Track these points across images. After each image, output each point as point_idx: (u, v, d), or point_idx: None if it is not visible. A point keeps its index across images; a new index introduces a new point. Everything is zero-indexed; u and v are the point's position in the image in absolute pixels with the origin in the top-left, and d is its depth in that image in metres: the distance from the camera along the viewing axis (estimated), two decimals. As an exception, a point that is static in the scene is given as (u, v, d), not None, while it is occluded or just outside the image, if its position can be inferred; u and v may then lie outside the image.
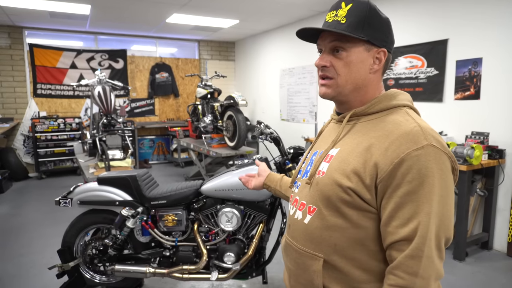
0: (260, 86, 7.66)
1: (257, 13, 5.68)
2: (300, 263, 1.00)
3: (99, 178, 2.54)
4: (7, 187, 5.84)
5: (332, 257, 0.93)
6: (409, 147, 0.83)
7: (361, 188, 0.87)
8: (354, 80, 0.95)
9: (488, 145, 3.40)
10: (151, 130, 7.93)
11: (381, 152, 0.85)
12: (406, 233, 0.82)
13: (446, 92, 3.90)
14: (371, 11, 0.93)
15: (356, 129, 0.96)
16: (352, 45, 0.93)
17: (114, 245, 2.44)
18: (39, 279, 2.94)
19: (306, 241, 0.97)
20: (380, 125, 0.91)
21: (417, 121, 0.88)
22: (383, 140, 0.87)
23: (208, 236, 2.44)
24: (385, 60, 0.97)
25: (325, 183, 0.93)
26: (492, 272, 3.11)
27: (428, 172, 0.81)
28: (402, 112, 0.92)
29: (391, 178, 0.83)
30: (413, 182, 0.81)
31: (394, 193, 0.84)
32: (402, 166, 0.82)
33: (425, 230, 0.81)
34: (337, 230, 0.91)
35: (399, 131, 0.86)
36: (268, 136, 2.56)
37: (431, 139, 0.84)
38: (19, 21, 6.20)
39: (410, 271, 0.82)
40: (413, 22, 4.24)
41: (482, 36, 3.53)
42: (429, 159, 0.82)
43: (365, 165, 0.87)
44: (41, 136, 6.52)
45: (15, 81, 6.63)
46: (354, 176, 0.88)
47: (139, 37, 7.64)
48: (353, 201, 0.88)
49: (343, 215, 0.90)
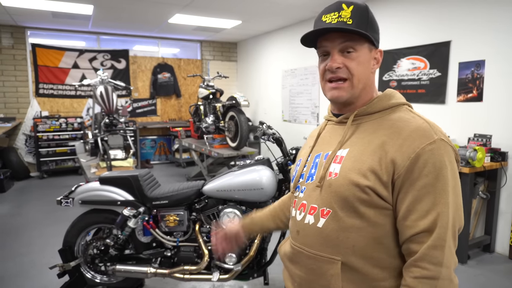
0: (262, 87, 7.66)
1: (259, 14, 5.68)
2: (315, 269, 0.97)
3: (101, 178, 2.54)
4: (9, 186, 5.85)
5: (350, 259, 0.91)
6: (423, 142, 0.86)
7: (378, 186, 0.88)
8: (364, 80, 0.96)
9: (491, 147, 3.39)
10: (152, 130, 7.94)
11: (396, 149, 0.87)
12: (426, 225, 0.84)
13: (449, 94, 3.89)
14: (370, 13, 0.96)
15: (362, 129, 0.96)
16: (360, 45, 0.94)
17: (115, 245, 2.44)
18: (40, 278, 2.94)
19: (322, 246, 0.95)
20: (388, 123, 0.93)
21: (422, 117, 0.92)
22: (396, 137, 0.89)
23: (210, 237, 2.43)
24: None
25: (340, 184, 0.92)
26: (494, 275, 3.09)
27: (442, 165, 0.85)
28: (404, 110, 0.95)
29: (409, 172, 0.86)
30: (430, 175, 0.84)
31: (411, 187, 0.86)
32: (419, 160, 0.85)
33: (445, 220, 0.84)
34: (354, 231, 0.91)
35: (410, 128, 0.89)
36: (270, 136, 2.56)
37: (440, 133, 0.88)
38: (21, 21, 6.22)
39: (435, 261, 0.83)
40: (416, 24, 4.23)
41: (485, 38, 3.52)
42: (441, 153, 0.86)
43: (381, 162, 0.88)
44: (43, 135, 6.53)
45: (17, 81, 6.65)
46: (371, 174, 0.88)
47: (141, 37, 7.66)
48: (371, 199, 0.89)
49: (360, 215, 0.90)
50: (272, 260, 2.46)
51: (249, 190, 2.29)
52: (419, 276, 0.84)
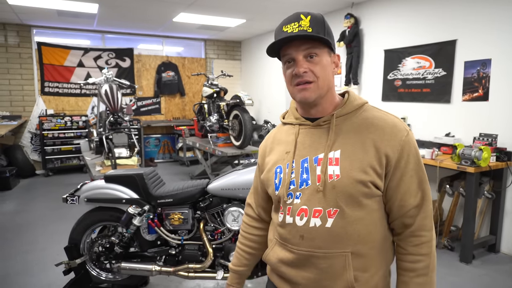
0: (266, 85, 7.66)
1: (263, 13, 5.67)
2: (326, 267, 1.02)
3: (106, 176, 2.55)
4: (15, 184, 5.90)
5: (357, 247, 1.02)
6: (402, 135, 1.02)
7: (376, 178, 1.00)
8: (328, 81, 1.04)
9: (496, 147, 3.36)
10: (157, 129, 7.96)
11: (386, 144, 1.01)
12: (416, 201, 1.03)
13: (454, 93, 3.87)
14: (325, 22, 1.05)
15: (344, 130, 1.05)
16: (321, 50, 1.03)
17: (121, 242, 2.45)
18: (46, 275, 2.96)
19: (332, 243, 1.01)
20: (366, 122, 1.04)
21: (388, 113, 1.08)
22: (382, 134, 1.02)
23: (214, 235, 2.44)
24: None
25: (345, 184, 1.00)
26: (499, 275, 3.08)
27: (416, 151, 1.04)
28: (371, 108, 1.09)
29: (398, 161, 1.01)
30: (412, 160, 1.02)
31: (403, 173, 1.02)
32: (404, 151, 1.01)
33: (428, 194, 1.04)
34: (359, 222, 1.01)
35: (389, 124, 1.03)
36: (274, 135, 2.56)
37: (406, 126, 1.06)
38: (27, 20, 6.25)
39: (428, 227, 1.04)
40: (421, 23, 4.21)
41: (491, 37, 3.49)
42: (413, 141, 1.05)
43: (376, 157, 1.00)
44: (48, 133, 6.57)
45: (23, 79, 6.69)
46: (370, 169, 1.00)
47: (146, 36, 7.68)
48: (371, 191, 1.01)
49: (363, 207, 1.02)
50: (276, 259, 2.47)
51: (254, 189, 2.29)
52: (419, 243, 1.04)
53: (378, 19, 4.78)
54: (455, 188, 3.53)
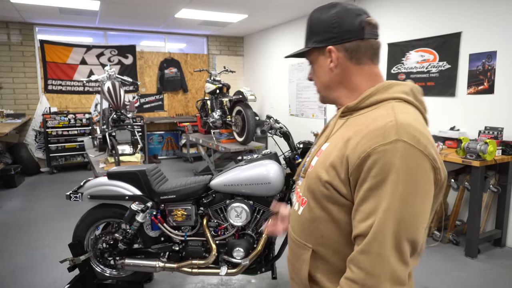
0: (269, 81, 7.63)
1: (265, 8, 5.64)
2: (295, 252, 1.04)
3: (109, 173, 2.55)
4: (20, 181, 5.94)
5: (319, 248, 0.95)
6: (377, 142, 0.81)
7: (337, 182, 0.87)
8: (323, 83, 1.03)
9: (502, 140, 3.33)
10: (160, 126, 7.97)
11: (353, 146, 0.85)
12: (363, 228, 0.81)
13: (459, 86, 3.82)
14: (311, 20, 1.01)
15: (346, 124, 0.96)
16: (311, 56, 1.03)
17: (124, 239, 2.45)
18: (51, 272, 2.98)
19: (299, 231, 1.01)
20: (363, 119, 0.90)
21: (397, 115, 0.84)
22: (358, 134, 0.86)
23: (217, 231, 2.44)
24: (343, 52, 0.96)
25: (311, 177, 0.96)
26: (505, 270, 3.06)
27: (392, 168, 0.78)
28: (388, 106, 0.89)
29: (358, 172, 0.83)
30: (377, 177, 0.79)
31: (360, 187, 0.83)
32: (368, 160, 0.80)
33: (379, 227, 0.78)
34: (322, 223, 0.93)
35: (373, 126, 0.84)
36: (277, 130, 2.54)
37: (404, 134, 0.80)
38: (29, 18, 6.26)
39: (360, 265, 0.81)
40: (425, 15, 4.16)
41: (496, 29, 3.44)
42: (395, 155, 0.78)
43: (342, 159, 0.87)
44: (52, 131, 6.60)
45: (26, 77, 6.71)
46: (332, 170, 0.88)
47: (148, 33, 7.66)
48: (331, 195, 0.89)
49: (325, 209, 0.92)
50: (280, 255, 2.46)
51: (257, 184, 2.28)
52: (346, 276, 0.84)
53: (381, 12, 4.73)
54: (460, 182, 3.50)
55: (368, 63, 0.98)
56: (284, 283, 2.80)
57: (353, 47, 0.96)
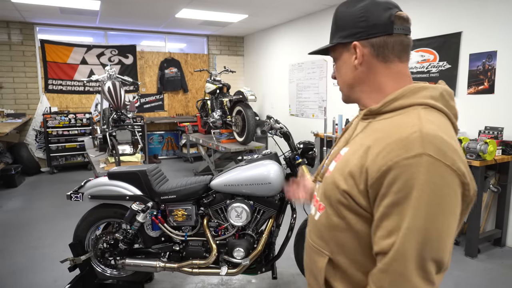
0: (269, 81, 7.63)
1: (266, 8, 5.64)
2: (311, 258, 1.00)
3: (109, 173, 2.56)
4: (20, 181, 5.94)
5: (337, 257, 0.91)
6: (399, 155, 0.75)
7: (356, 193, 0.83)
8: (346, 81, 0.98)
9: (502, 140, 3.33)
10: (160, 126, 7.97)
11: (373, 157, 0.80)
12: (384, 246, 0.77)
13: (459, 86, 3.83)
14: (337, 13, 0.97)
15: (367, 129, 0.91)
16: (335, 53, 0.99)
17: (125, 239, 2.46)
18: (51, 272, 2.99)
19: (316, 237, 0.97)
20: (385, 126, 0.84)
21: (422, 125, 0.78)
22: (379, 143, 0.81)
23: (218, 231, 2.44)
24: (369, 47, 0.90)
25: (328, 183, 0.92)
26: (505, 269, 3.06)
27: (416, 184, 0.73)
28: (414, 113, 0.82)
29: (378, 186, 0.78)
30: (399, 193, 0.74)
31: (381, 202, 0.78)
32: (389, 174, 0.75)
33: (401, 247, 0.74)
34: (340, 231, 0.89)
35: (396, 136, 0.78)
36: (277, 131, 2.55)
37: (429, 147, 0.74)
38: (30, 17, 6.26)
39: (378, 284, 0.78)
40: (425, 15, 4.16)
41: (497, 29, 3.44)
42: (419, 170, 0.73)
43: (362, 169, 0.82)
44: (53, 131, 6.60)
45: (27, 77, 6.71)
46: (350, 179, 0.84)
47: (148, 33, 7.66)
48: (349, 204, 0.85)
49: (343, 217, 0.88)
50: (280, 255, 2.47)
51: (257, 184, 2.29)
52: None
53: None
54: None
55: (395, 61, 0.90)
56: (285, 283, 2.81)
57: (379, 43, 0.89)
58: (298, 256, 2.59)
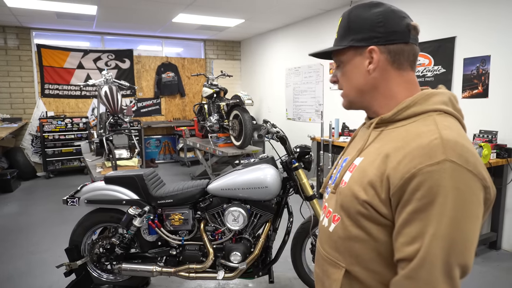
0: (266, 85, 7.65)
1: (262, 12, 5.67)
2: (324, 270, 0.99)
3: (106, 177, 2.56)
4: (16, 186, 5.91)
5: (354, 268, 0.89)
6: (422, 162, 0.75)
7: (377, 202, 0.83)
8: (355, 86, 0.95)
9: (497, 143, 3.36)
10: (157, 130, 7.97)
11: (394, 165, 0.80)
12: (409, 252, 0.77)
13: (454, 90, 3.86)
14: (350, 16, 0.94)
15: (381, 137, 0.91)
16: (343, 56, 0.96)
17: (121, 244, 2.45)
18: (48, 277, 2.97)
19: (331, 249, 0.96)
20: (402, 134, 0.84)
21: (441, 131, 0.79)
22: (399, 151, 0.81)
23: (215, 235, 2.45)
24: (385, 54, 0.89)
25: (345, 194, 0.91)
26: (501, 272, 3.07)
27: (440, 190, 0.73)
28: (430, 120, 0.83)
29: (401, 193, 0.78)
30: (423, 200, 0.75)
31: (403, 209, 0.78)
32: (413, 182, 0.76)
33: (427, 253, 0.74)
34: (359, 242, 0.88)
35: (416, 143, 0.79)
36: (274, 135, 2.56)
37: (452, 154, 0.75)
38: (26, 22, 6.26)
39: None
40: (419, 20, 4.20)
41: (490, 34, 3.49)
42: (443, 176, 0.74)
43: (382, 177, 0.82)
44: (49, 135, 6.58)
45: (23, 82, 6.70)
46: (371, 189, 0.83)
47: (145, 37, 7.68)
48: (370, 214, 0.84)
49: (363, 228, 0.87)
50: (277, 259, 2.47)
51: (254, 188, 2.29)
52: None
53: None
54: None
55: (407, 70, 0.91)
56: (282, 287, 2.81)
57: (397, 50, 0.89)
58: (295, 260, 2.60)
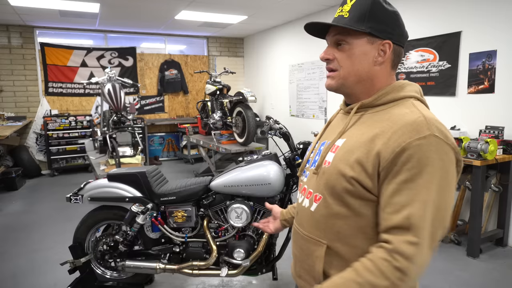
0: (269, 82, 7.63)
1: (265, 9, 5.64)
2: (305, 249, 1.04)
3: (109, 175, 2.55)
4: (21, 184, 5.94)
5: (335, 244, 0.95)
6: (411, 136, 0.84)
7: (363, 178, 0.89)
8: (357, 72, 0.97)
9: (503, 139, 3.32)
10: (160, 127, 7.97)
11: (384, 142, 0.87)
12: (399, 219, 0.83)
13: (459, 85, 3.82)
14: (374, 4, 0.95)
15: (362, 120, 0.98)
16: (354, 38, 0.96)
17: (125, 241, 2.45)
18: (52, 274, 2.98)
19: (312, 228, 1.01)
20: (386, 116, 0.93)
21: (422, 111, 0.89)
22: (387, 130, 0.88)
23: (218, 232, 2.44)
24: (393, 53, 0.97)
25: (330, 173, 0.96)
26: (507, 269, 3.04)
27: (428, 162, 0.82)
28: (408, 104, 0.93)
29: (392, 165, 0.85)
30: (412, 170, 0.82)
31: (393, 179, 0.85)
32: (403, 154, 0.83)
33: (418, 218, 0.81)
34: (341, 218, 0.94)
35: (403, 121, 0.87)
36: (277, 131, 2.54)
37: (434, 129, 0.85)
38: (30, 21, 6.27)
39: (406, 255, 0.81)
40: (425, 15, 4.15)
41: (496, 28, 3.44)
42: (430, 149, 0.83)
43: (368, 155, 0.88)
44: (53, 134, 6.60)
45: (27, 80, 6.72)
46: (357, 165, 0.90)
47: (148, 35, 7.67)
48: (356, 190, 0.90)
49: (346, 204, 0.93)
50: (280, 255, 2.46)
51: (257, 185, 2.28)
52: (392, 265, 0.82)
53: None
54: (461, 182, 3.49)
55: (394, 69, 1.02)
56: (285, 284, 2.80)
57: (399, 52, 1.00)
58: (298, 257, 2.58)
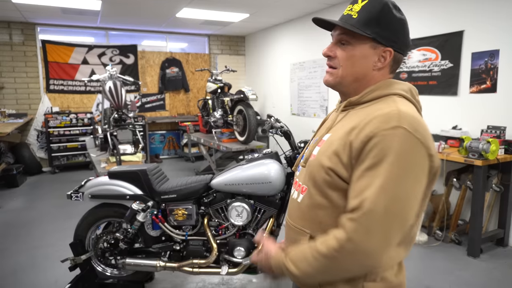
0: (270, 80, 7.61)
1: (267, 7, 5.63)
2: (292, 239, 1.08)
3: (109, 172, 2.55)
4: (22, 181, 5.95)
5: (317, 234, 0.99)
6: (379, 127, 0.87)
7: (340, 168, 0.92)
8: (355, 73, 0.99)
9: (505, 139, 3.31)
10: (161, 125, 7.97)
11: (357, 133, 0.90)
12: (355, 203, 0.87)
13: (461, 85, 3.80)
14: (383, 10, 0.96)
15: (347, 117, 1.01)
16: (358, 41, 0.97)
17: (125, 238, 2.45)
18: (52, 271, 2.98)
19: (298, 218, 1.06)
20: (366, 111, 0.95)
21: (399, 106, 0.91)
22: (361, 122, 0.91)
23: (218, 231, 2.43)
24: (392, 60, 0.99)
25: (313, 165, 1.01)
26: (508, 269, 3.04)
27: (390, 151, 0.85)
28: (389, 100, 0.95)
29: (360, 153, 0.88)
30: (375, 158, 0.86)
31: (358, 166, 0.89)
32: (370, 143, 0.87)
33: (370, 202, 0.84)
34: (322, 209, 0.98)
35: (376, 114, 0.90)
36: (278, 130, 2.54)
37: (404, 122, 0.86)
38: (31, 18, 6.27)
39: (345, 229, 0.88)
40: (427, 14, 4.14)
41: (499, 27, 3.42)
42: (394, 139, 0.85)
43: (344, 146, 0.92)
44: (54, 131, 6.61)
45: (28, 77, 6.72)
46: (334, 156, 0.94)
47: (149, 32, 7.66)
48: (333, 181, 0.94)
49: (326, 196, 0.97)
50: (281, 254, 2.45)
51: (257, 183, 2.27)
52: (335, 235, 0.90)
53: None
54: (463, 182, 3.48)
55: (392, 75, 1.04)
56: (285, 282, 2.79)
57: (398, 59, 1.01)
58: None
